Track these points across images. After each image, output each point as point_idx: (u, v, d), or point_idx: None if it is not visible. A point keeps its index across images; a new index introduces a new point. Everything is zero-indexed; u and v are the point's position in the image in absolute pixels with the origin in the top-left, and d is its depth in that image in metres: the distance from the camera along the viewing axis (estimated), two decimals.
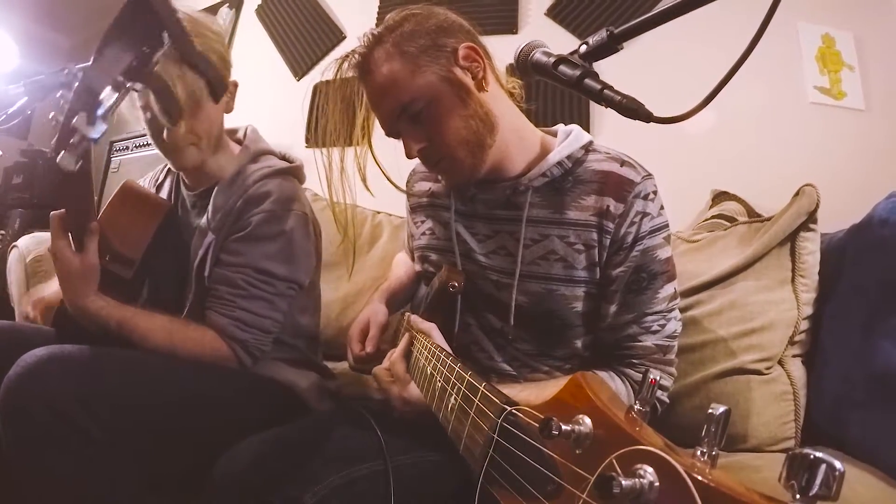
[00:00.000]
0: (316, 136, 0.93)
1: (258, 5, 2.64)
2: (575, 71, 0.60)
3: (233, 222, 1.00)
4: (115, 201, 1.03)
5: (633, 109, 0.52)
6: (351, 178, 0.94)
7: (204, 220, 1.02)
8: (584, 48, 0.61)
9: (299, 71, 2.47)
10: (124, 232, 0.99)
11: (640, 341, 0.81)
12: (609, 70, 0.67)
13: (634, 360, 0.82)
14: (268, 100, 2.53)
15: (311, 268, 1.10)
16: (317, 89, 2.41)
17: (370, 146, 0.94)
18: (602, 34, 0.59)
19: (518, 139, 0.87)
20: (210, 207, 1.02)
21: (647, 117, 0.51)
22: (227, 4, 2.70)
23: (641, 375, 0.78)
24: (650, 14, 0.54)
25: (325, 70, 0.89)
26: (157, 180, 1.20)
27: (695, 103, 0.52)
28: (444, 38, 0.82)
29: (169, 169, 1.18)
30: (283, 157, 1.12)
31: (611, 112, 0.56)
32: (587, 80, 0.58)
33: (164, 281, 1.06)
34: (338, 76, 0.88)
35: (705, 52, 1.67)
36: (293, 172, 1.09)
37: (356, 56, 0.85)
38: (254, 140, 1.12)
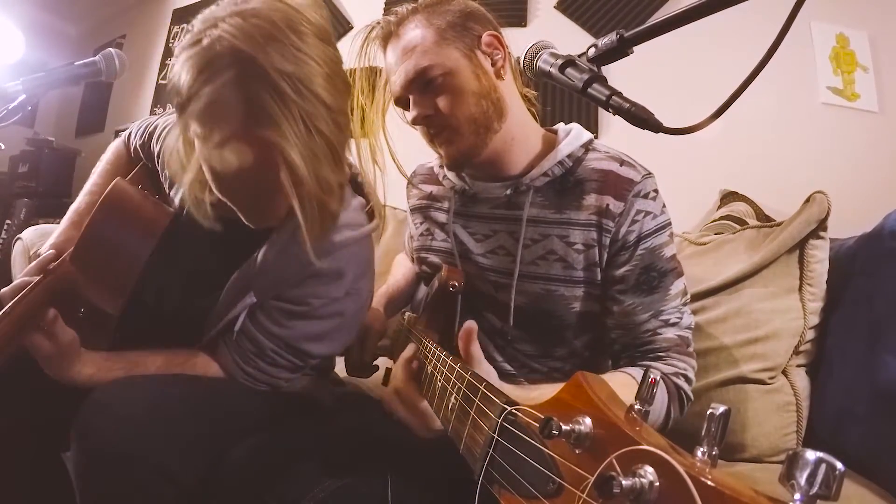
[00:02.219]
0: None
1: None
2: (582, 75, 0.58)
3: (285, 289, 0.82)
4: (99, 214, 0.79)
5: (642, 119, 0.50)
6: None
7: (246, 267, 0.82)
8: (592, 51, 0.59)
9: None
10: (107, 261, 0.80)
11: (662, 334, 0.81)
12: (616, 70, 0.66)
13: (661, 353, 0.81)
14: None
15: (351, 339, 0.96)
16: None
17: (384, 130, 0.92)
18: (612, 37, 0.57)
19: (523, 135, 0.87)
20: (259, 259, 0.80)
21: (656, 127, 0.50)
22: None
23: (669, 367, 0.79)
24: (662, 18, 0.53)
25: (353, 38, 0.89)
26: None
27: (705, 106, 0.50)
28: (472, 22, 0.84)
29: None
30: (355, 180, 0.89)
31: None
32: (595, 86, 0.56)
33: (161, 305, 0.87)
34: (365, 48, 0.89)
35: (717, 55, 1.65)
36: (371, 233, 0.88)
37: (385, 23, 0.87)
38: None
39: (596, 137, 1.79)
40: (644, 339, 0.81)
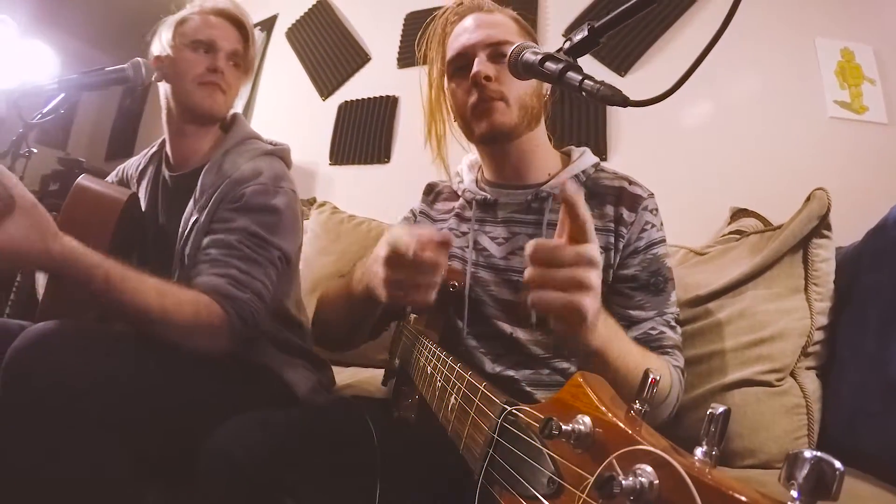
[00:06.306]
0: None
1: (288, 28, 2.77)
2: (558, 65, 0.61)
3: (222, 198, 1.00)
4: (67, 206, 0.97)
5: (608, 96, 0.52)
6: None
7: (190, 202, 1.03)
8: (567, 44, 0.63)
9: (325, 91, 2.56)
10: (79, 239, 0.83)
11: (666, 332, 0.84)
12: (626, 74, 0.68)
13: (668, 349, 0.84)
14: (295, 118, 2.63)
15: (298, 243, 1.12)
16: (341, 109, 2.49)
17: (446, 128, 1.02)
18: (583, 29, 0.61)
19: (546, 147, 0.97)
20: (198, 187, 1.03)
21: (623, 102, 0.52)
22: (259, 27, 2.85)
23: (676, 362, 0.81)
24: (625, 7, 0.56)
25: (431, 16, 0.99)
26: (139, 166, 1.20)
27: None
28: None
29: (152, 154, 1.19)
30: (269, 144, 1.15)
31: (627, 131, 0.56)
32: (569, 73, 0.59)
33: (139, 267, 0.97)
34: (440, 22, 0.97)
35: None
36: (280, 154, 1.12)
37: (472, 2, 0.95)
38: (240, 125, 1.15)
39: (605, 160, 1.82)
40: (652, 336, 0.84)
